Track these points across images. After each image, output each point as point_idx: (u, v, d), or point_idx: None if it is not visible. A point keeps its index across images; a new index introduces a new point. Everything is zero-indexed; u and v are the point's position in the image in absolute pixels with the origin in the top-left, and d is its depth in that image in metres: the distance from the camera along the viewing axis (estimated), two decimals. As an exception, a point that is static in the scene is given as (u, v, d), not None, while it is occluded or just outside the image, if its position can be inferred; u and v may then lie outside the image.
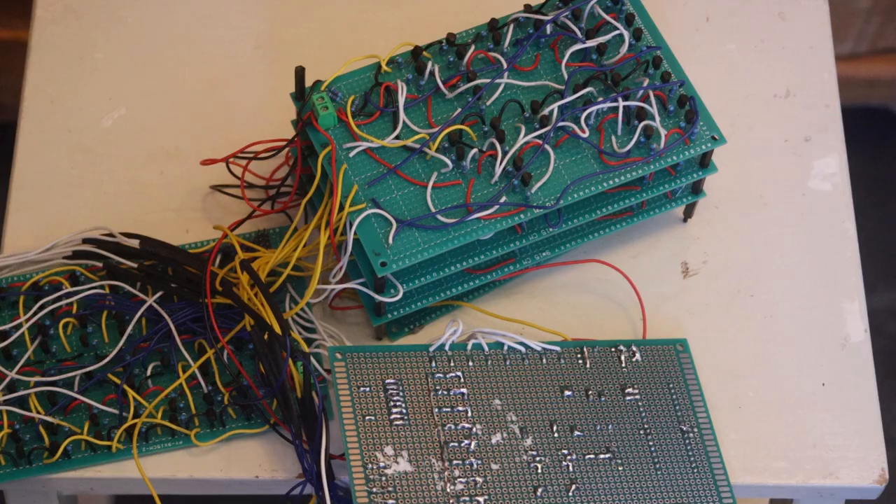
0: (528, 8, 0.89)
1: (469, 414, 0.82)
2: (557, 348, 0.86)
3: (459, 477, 0.80)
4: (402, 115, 0.85)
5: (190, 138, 0.94)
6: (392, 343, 0.87)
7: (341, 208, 0.82)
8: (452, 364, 0.84)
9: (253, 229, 0.90)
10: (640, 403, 0.85)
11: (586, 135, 0.85)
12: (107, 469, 0.83)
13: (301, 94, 0.86)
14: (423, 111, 0.86)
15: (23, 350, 0.85)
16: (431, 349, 0.84)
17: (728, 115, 0.95)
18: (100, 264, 0.87)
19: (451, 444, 0.81)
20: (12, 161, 0.93)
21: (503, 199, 0.83)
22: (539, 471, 0.81)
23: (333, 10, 1.00)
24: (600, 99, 0.86)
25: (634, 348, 0.87)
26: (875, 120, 1.66)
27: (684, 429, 0.85)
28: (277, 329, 0.81)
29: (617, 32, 0.89)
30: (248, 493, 0.85)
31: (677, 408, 0.85)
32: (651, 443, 0.84)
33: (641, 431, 0.84)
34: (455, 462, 0.80)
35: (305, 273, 0.87)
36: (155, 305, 0.85)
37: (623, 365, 0.86)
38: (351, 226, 0.82)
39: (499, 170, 0.84)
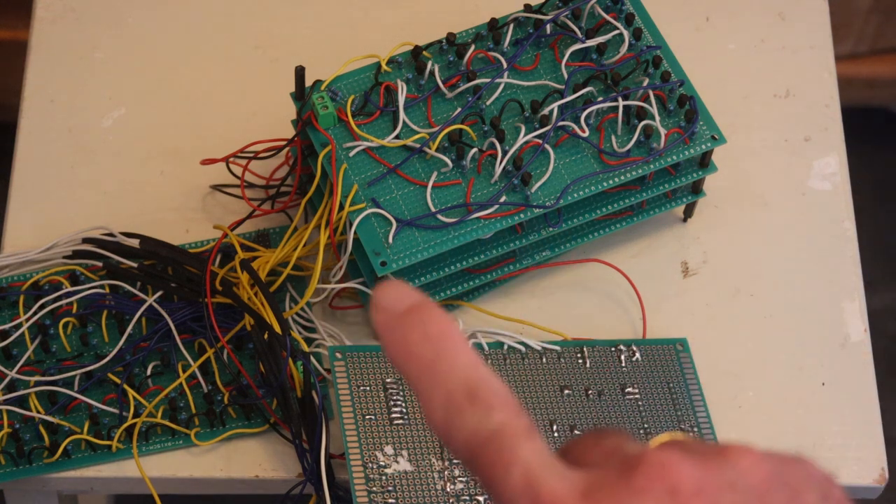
0: (528, 8, 0.89)
1: (469, 413, 0.82)
2: (557, 348, 0.86)
3: (459, 476, 0.80)
4: (402, 115, 0.85)
5: (190, 138, 0.94)
6: (392, 343, 0.87)
7: (341, 208, 0.82)
8: (452, 364, 0.84)
9: (253, 229, 0.90)
10: (639, 403, 0.85)
11: (586, 134, 0.85)
12: (107, 469, 0.83)
13: (301, 94, 0.86)
14: (423, 111, 0.86)
15: (23, 350, 0.85)
16: (431, 349, 0.84)
17: (728, 115, 0.95)
18: (100, 264, 0.87)
19: (451, 443, 0.81)
20: (12, 161, 0.93)
21: (503, 199, 0.83)
22: (539, 470, 0.81)
23: (333, 10, 1.00)
24: (600, 98, 0.86)
25: (634, 348, 0.87)
26: (875, 120, 1.66)
27: (684, 428, 0.85)
28: (277, 329, 0.81)
29: (617, 32, 0.89)
30: (248, 492, 0.85)
31: (677, 407, 0.85)
32: (651, 442, 0.84)
33: (641, 431, 0.84)
34: (455, 461, 0.80)
35: (305, 273, 0.87)
36: (155, 305, 0.85)
37: (623, 364, 0.86)
38: (351, 225, 0.82)
39: (499, 169, 0.84)
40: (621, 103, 0.86)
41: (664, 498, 0.43)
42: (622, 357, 0.87)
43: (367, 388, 0.82)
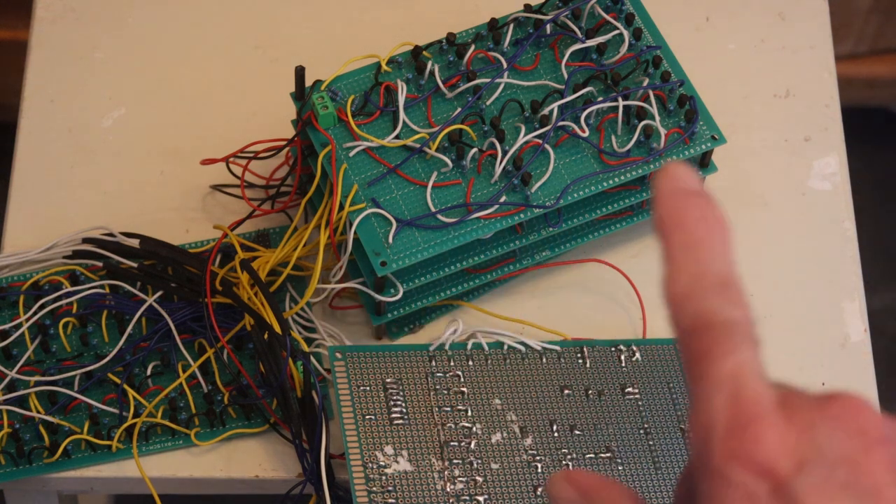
0: (528, 8, 0.89)
1: (469, 413, 0.82)
2: (557, 348, 0.86)
3: (459, 476, 0.80)
4: (402, 115, 0.85)
5: (190, 138, 0.94)
6: (392, 343, 0.87)
7: (341, 208, 0.82)
8: (452, 363, 0.84)
9: (253, 229, 0.90)
10: (639, 403, 0.85)
11: (586, 134, 0.85)
12: (107, 469, 0.83)
13: (301, 94, 0.86)
14: (423, 111, 0.86)
15: (23, 350, 0.85)
16: (431, 349, 0.84)
17: (728, 115, 0.95)
18: (100, 264, 0.87)
19: (451, 443, 0.81)
20: (12, 161, 0.93)
21: (503, 199, 0.83)
22: (539, 470, 0.81)
23: (333, 10, 1.00)
24: (600, 98, 0.86)
25: (634, 348, 0.87)
26: (875, 120, 1.66)
27: (684, 428, 0.85)
28: (277, 329, 0.81)
29: (617, 32, 0.89)
30: (248, 492, 0.85)
31: (677, 407, 0.85)
32: (651, 442, 0.84)
33: (641, 431, 0.84)
34: (455, 461, 0.80)
35: (305, 273, 0.87)
36: (155, 305, 0.85)
37: (623, 364, 0.86)
38: (351, 225, 0.82)
39: (499, 169, 0.84)
40: (621, 103, 0.86)
41: (853, 432, 0.45)
42: (622, 357, 0.87)
43: (367, 388, 0.82)
